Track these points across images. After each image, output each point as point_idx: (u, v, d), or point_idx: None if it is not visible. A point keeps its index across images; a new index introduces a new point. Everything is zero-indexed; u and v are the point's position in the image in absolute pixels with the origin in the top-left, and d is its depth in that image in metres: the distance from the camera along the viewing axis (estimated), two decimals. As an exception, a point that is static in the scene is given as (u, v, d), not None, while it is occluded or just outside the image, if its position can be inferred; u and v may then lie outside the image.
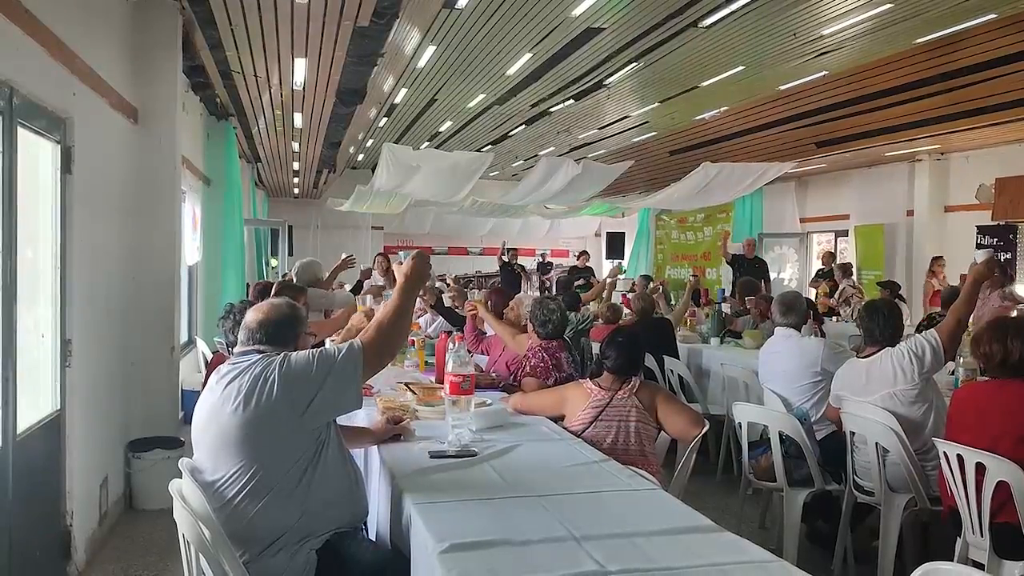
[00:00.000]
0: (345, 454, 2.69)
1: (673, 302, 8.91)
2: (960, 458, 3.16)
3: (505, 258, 13.84)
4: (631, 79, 10.27)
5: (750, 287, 8.35)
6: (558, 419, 3.60)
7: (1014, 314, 6.28)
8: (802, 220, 15.55)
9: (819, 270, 11.95)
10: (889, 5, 7.36)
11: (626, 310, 7.59)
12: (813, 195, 15.35)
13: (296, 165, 15.86)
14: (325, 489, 2.54)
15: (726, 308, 8.32)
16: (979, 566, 3.15)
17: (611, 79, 10.18)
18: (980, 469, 3.11)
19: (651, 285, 9.25)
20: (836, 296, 10.34)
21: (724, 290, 10.58)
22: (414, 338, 5.08)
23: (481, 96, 11.18)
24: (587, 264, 14.46)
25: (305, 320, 2.87)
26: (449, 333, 4.43)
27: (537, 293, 14.18)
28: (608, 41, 8.64)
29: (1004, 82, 8.36)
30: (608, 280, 9.58)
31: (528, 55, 9.08)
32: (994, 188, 11.26)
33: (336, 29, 6.72)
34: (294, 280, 5.96)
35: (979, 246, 10.85)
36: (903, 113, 9.81)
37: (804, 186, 15.43)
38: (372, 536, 2.92)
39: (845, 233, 14.11)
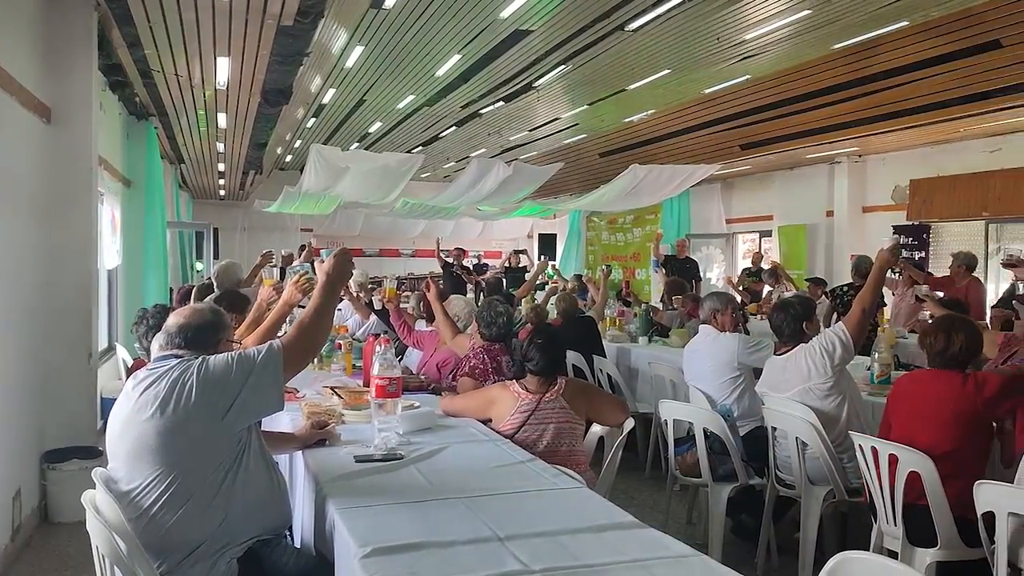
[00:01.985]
0: (267, 459, 2.64)
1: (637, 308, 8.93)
2: (874, 450, 3.27)
3: (449, 259, 13.57)
4: (560, 81, 10.33)
5: (678, 287, 8.49)
6: (486, 421, 3.60)
7: (927, 312, 6.52)
8: (728, 221, 15.88)
9: (746, 269, 12.20)
10: (808, 11, 7.56)
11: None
12: (738, 196, 15.69)
13: (221, 166, 15.52)
14: (246, 495, 2.50)
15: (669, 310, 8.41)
16: (893, 554, 3.26)
17: (540, 81, 10.23)
18: (893, 460, 3.22)
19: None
20: (763, 300, 10.57)
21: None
22: (341, 341, 5.02)
23: (411, 97, 11.11)
24: (521, 264, 14.47)
25: (229, 326, 2.81)
26: (377, 336, 4.38)
27: (471, 295, 14.14)
28: (537, 43, 8.68)
29: (916, 87, 8.67)
30: (550, 284, 9.59)
31: (457, 56, 9.06)
32: (908, 189, 11.68)
33: (259, 28, 6.60)
34: (214, 284, 5.83)
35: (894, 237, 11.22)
36: (823, 116, 10.09)
37: (730, 187, 15.76)
38: (297, 543, 2.88)
39: (769, 233, 14.46)
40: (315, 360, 5.13)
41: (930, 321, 3.75)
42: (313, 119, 12.52)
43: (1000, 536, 2.78)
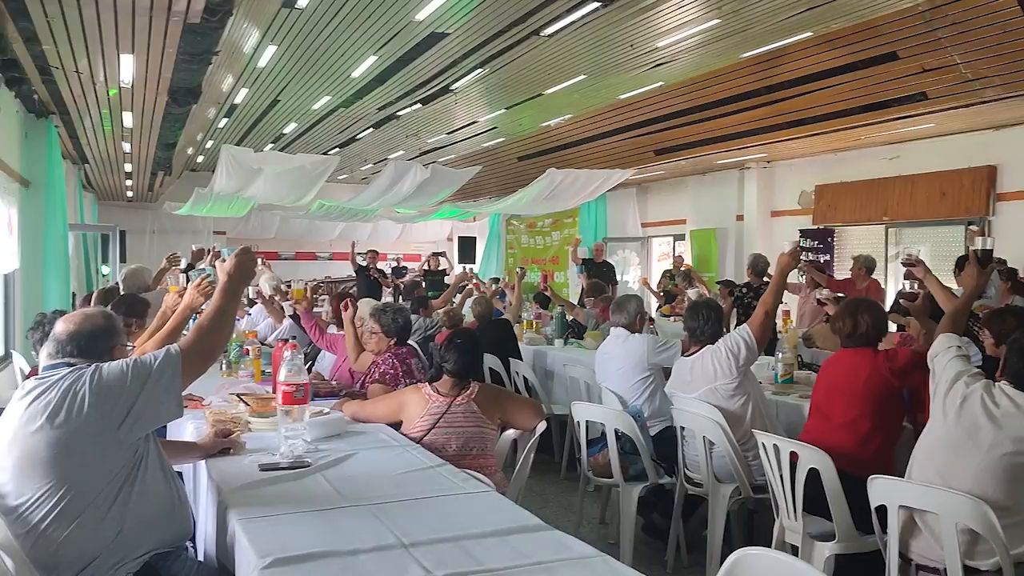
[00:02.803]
0: (166, 469, 2.56)
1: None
2: (776, 447, 3.37)
3: (363, 262, 13.32)
4: (477, 85, 10.35)
5: (598, 289, 8.58)
6: (397, 425, 3.57)
7: (832, 312, 6.75)
8: (643, 224, 16.15)
9: (667, 271, 12.39)
10: (717, 21, 7.76)
11: None
12: (653, 201, 15.98)
13: (128, 167, 15.01)
14: (143, 507, 2.42)
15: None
16: (795, 548, 3.37)
17: (458, 84, 10.22)
18: (794, 457, 3.33)
19: None
20: (676, 302, 10.77)
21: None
22: (249, 347, 4.91)
23: (326, 98, 10.96)
24: (440, 267, 14.41)
25: (122, 332, 2.72)
26: (286, 341, 4.30)
27: (390, 298, 14.02)
28: (453, 46, 8.67)
29: (820, 96, 8.98)
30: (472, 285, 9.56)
31: (373, 57, 8.98)
32: (814, 195, 12.11)
33: (164, 25, 6.40)
34: (120, 289, 5.63)
35: (802, 243, 11.60)
36: (733, 123, 10.36)
37: (645, 192, 16.04)
38: (200, 555, 2.80)
39: (683, 237, 14.77)
40: (223, 366, 5.01)
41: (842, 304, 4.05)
42: (225, 119, 12.23)
43: (891, 528, 2.90)
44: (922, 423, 3.18)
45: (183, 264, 7.68)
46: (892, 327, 6.05)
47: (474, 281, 9.34)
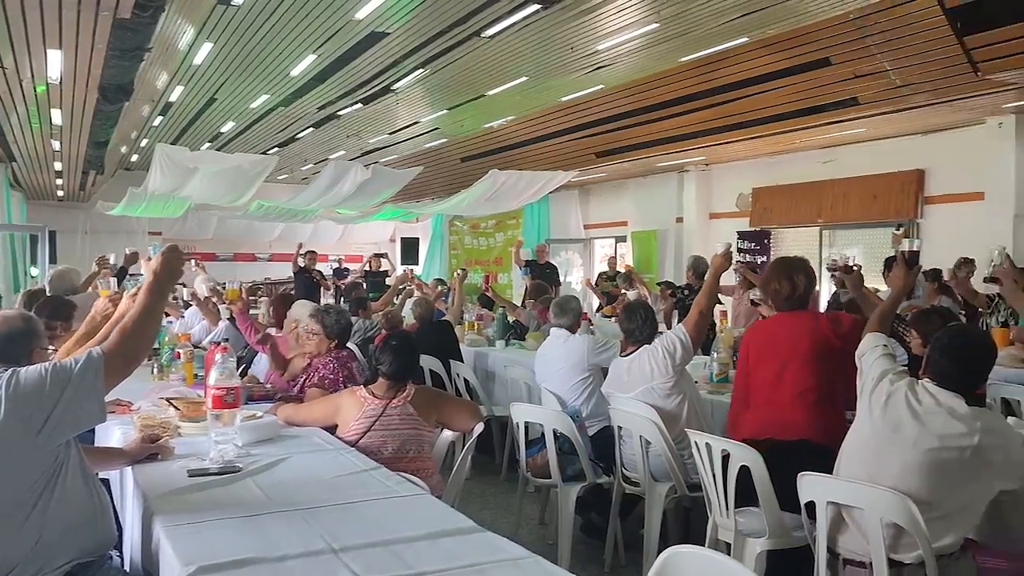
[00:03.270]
0: (88, 476, 2.48)
1: None
2: (708, 446, 3.41)
3: (301, 263, 13.09)
4: (419, 85, 10.30)
5: (540, 290, 8.60)
6: (333, 429, 3.53)
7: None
8: (586, 226, 16.28)
9: (602, 273, 12.50)
10: (656, 25, 7.85)
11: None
12: (595, 203, 16.11)
13: (58, 165, 14.58)
14: (64, 515, 2.34)
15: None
16: (729, 545, 3.42)
17: (399, 84, 10.16)
18: (726, 455, 3.38)
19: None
20: (617, 302, 10.85)
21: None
22: (181, 350, 4.80)
23: (265, 97, 10.80)
24: (382, 268, 14.31)
25: (42, 335, 2.63)
26: (218, 344, 4.21)
27: (330, 300, 13.85)
28: (394, 46, 8.61)
29: (756, 100, 9.16)
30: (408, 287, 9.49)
31: (312, 56, 8.88)
32: (751, 197, 12.33)
33: (93, 20, 6.24)
34: (47, 291, 5.46)
35: (739, 247, 11.81)
36: (672, 126, 10.50)
37: (587, 194, 16.16)
38: (127, 565, 2.73)
39: (624, 238, 14.91)
40: (154, 370, 4.89)
41: (772, 266, 3.97)
42: (160, 117, 11.96)
43: (820, 523, 2.95)
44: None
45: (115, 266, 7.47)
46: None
47: (415, 282, 9.29)
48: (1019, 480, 2.86)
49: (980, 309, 6.55)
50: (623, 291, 10.73)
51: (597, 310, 10.65)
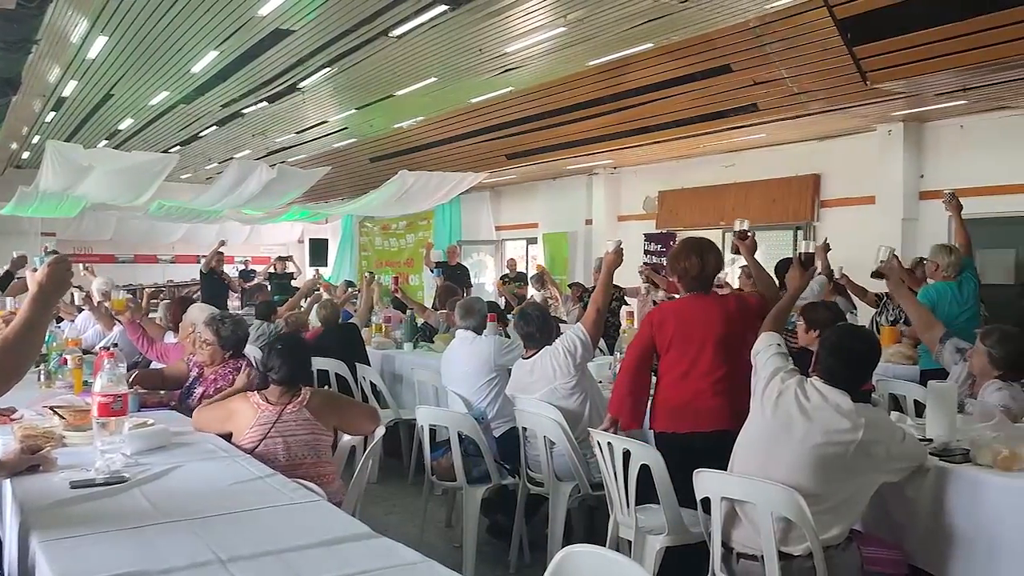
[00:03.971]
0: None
1: None
2: (609, 445, 3.46)
3: (212, 264, 12.58)
4: (327, 84, 10.16)
5: (451, 292, 8.57)
6: (228, 436, 3.42)
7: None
8: (497, 228, 16.34)
9: (503, 276, 12.52)
10: (563, 29, 7.94)
11: None
12: (506, 204, 16.18)
13: (-58, 162, 13.84)
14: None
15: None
16: (629, 543, 3.47)
17: (306, 83, 10.00)
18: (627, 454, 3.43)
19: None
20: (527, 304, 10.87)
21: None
22: (68, 356, 4.59)
23: (165, 93, 10.47)
24: (287, 270, 14.04)
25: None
26: (106, 350, 4.03)
27: (237, 303, 13.50)
28: (299, 44, 8.47)
29: (661, 105, 9.35)
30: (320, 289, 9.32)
31: (214, 53, 8.65)
32: (657, 200, 12.59)
33: (-24, 9, 5.95)
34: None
35: (645, 248, 12.04)
36: (581, 129, 10.63)
37: (498, 196, 16.22)
38: (4, 582, 2.59)
39: (535, 240, 15.02)
40: (41, 377, 4.67)
41: (680, 244, 3.93)
42: (53, 113, 11.47)
43: (715, 519, 3.03)
44: None
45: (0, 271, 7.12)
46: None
47: (322, 283, 9.16)
48: (899, 473, 3.00)
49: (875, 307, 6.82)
50: (534, 292, 10.83)
51: (508, 312, 10.67)
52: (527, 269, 13.44)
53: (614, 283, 4.57)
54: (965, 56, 5.65)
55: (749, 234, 4.06)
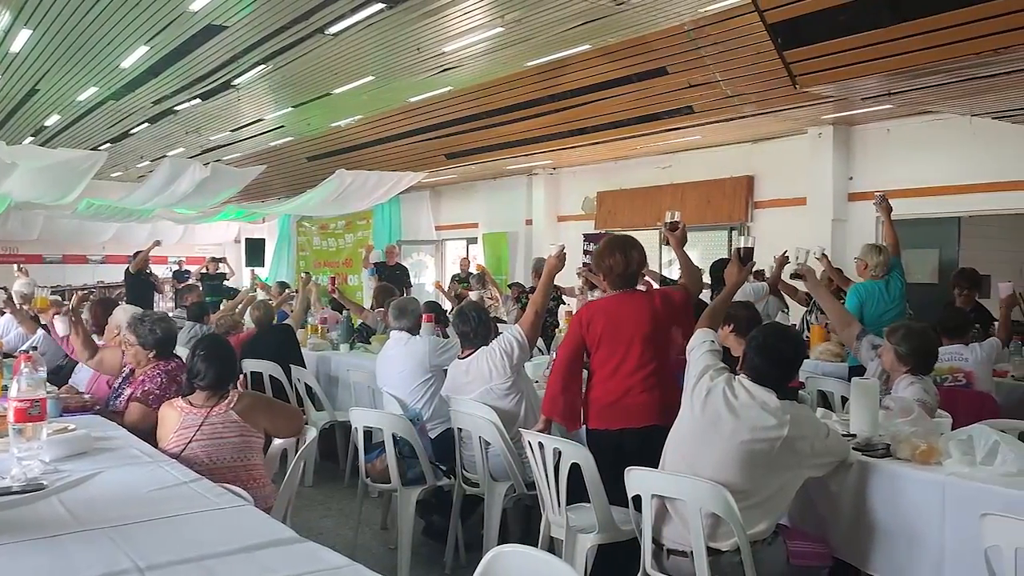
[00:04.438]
0: None
1: None
2: (540, 444, 3.47)
3: (131, 268, 12.23)
4: (262, 81, 9.99)
5: (387, 292, 8.49)
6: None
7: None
8: (437, 228, 16.29)
9: (455, 275, 12.50)
10: (501, 29, 7.94)
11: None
12: (447, 204, 16.14)
13: None
14: None
15: None
16: (560, 541, 3.49)
17: (240, 80, 9.83)
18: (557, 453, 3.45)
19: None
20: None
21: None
22: (-15, 360, 4.43)
23: (93, 89, 10.19)
24: (219, 271, 13.78)
25: None
26: (25, 352, 3.89)
27: (172, 304, 13.20)
28: (233, 40, 8.32)
29: (599, 106, 9.43)
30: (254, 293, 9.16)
31: (145, 48, 8.45)
32: (596, 201, 12.69)
33: None
34: None
35: (584, 248, 12.12)
36: (520, 130, 10.65)
37: (438, 195, 16.17)
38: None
39: (475, 240, 15.01)
40: (-42, 383, 4.48)
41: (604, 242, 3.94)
42: (-26, 109, 11.08)
43: (645, 516, 3.06)
44: None
45: None
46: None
47: (257, 283, 9.01)
48: (824, 468, 3.07)
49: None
50: (475, 292, 10.81)
51: (449, 312, 10.64)
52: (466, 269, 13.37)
53: (553, 283, 4.58)
54: (890, 61, 5.80)
55: (680, 225, 4.10)
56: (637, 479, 3.08)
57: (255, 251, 18.50)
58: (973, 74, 5.90)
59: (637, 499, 3.11)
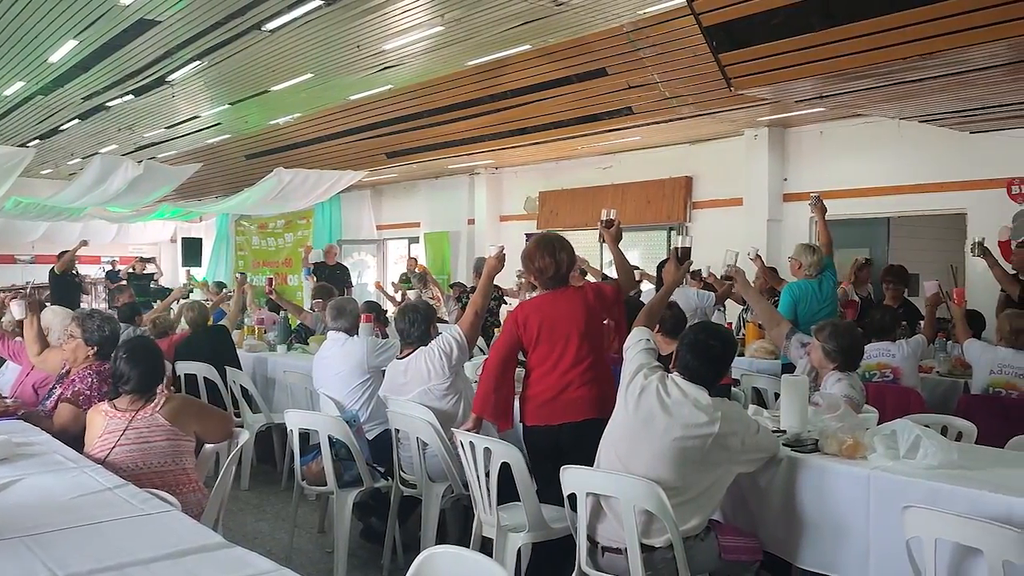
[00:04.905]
0: None
1: None
2: (472, 444, 3.47)
3: (56, 269, 11.82)
4: (197, 78, 9.78)
5: (326, 292, 8.39)
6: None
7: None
8: (379, 227, 16.17)
9: (403, 275, 12.38)
10: (441, 28, 7.91)
11: None
12: (388, 203, 16.03)
13: None
14: None
15: None
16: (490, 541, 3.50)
17: (175, 76, 9.60)
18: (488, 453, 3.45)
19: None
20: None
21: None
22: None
23: (20, 84, 9.86)
24: (147, 271, 13.49)
25: None
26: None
27: (105, 305, 12.87)
28: (166, 35, 8.12)
29: (539, 106, 9.45)
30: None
31: (73, 42, 8.20)
32: (538, 200, 12.73)
33: None
34: None
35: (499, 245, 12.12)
36: (461, 129, 10.62)
37: (379, 194, 16.06)
38: None
39: (417, 240, 14.94)
40: None
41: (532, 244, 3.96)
42: None
43: (580, 514, 3.08)
44: None
45: None
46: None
47: (197, 284, 8.83)
48: (754, 464, 3.13)
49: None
50: (417, 291, 10.75)
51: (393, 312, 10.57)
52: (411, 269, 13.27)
53: (495, 283, 4.58)
54: (822, 65, 5.93)
55: (615, 223, 4.17)
56: (572, 478, 3.10)
57: (192, 251, 18.12)
58: (901, 78, 6.07)
59: (573, 497, 3.12)
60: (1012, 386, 4.73)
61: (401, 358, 4.31)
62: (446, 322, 8.56)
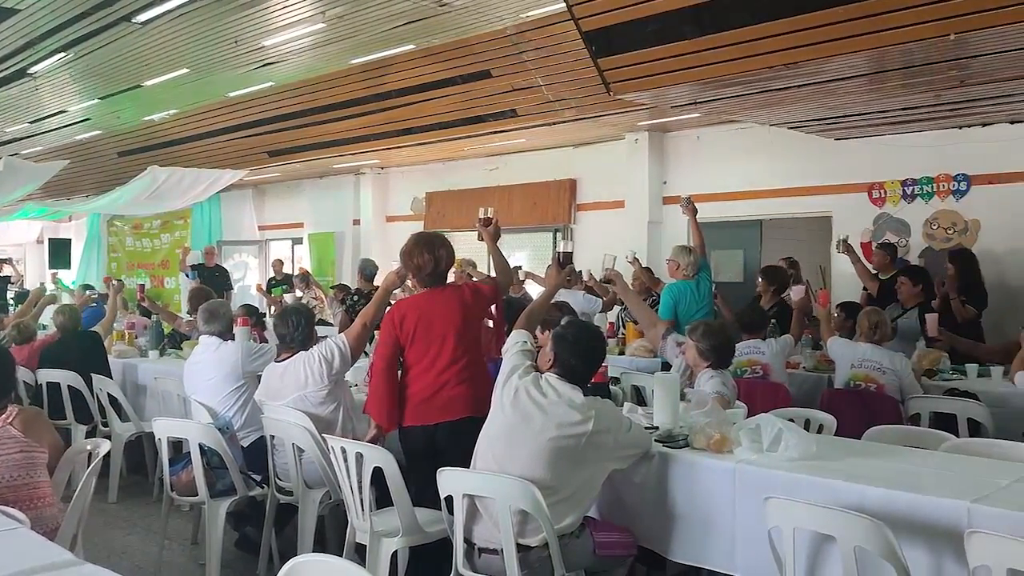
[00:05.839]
0: None
1: None
2: (343, 450, 3.42)
3: None
4: (63, 70, 9.29)
5: (203, 295, 8.09)
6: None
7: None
8: (261, 227, 15.75)
9: (271, 279, 12.07)
10: (323, 25, 7.76)
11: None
12: (271, 203, 15.64)
13: None
14: None
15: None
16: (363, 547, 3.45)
17: (37, 68, 9.08)
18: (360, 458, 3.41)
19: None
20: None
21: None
22: None
23: None
24: (3, 273, 12.76)
25: None
26: None
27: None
28: (27, 24, 7.68)
29: (424, 107, 9.41)
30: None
31: (-77, 29, 7.66)
32: (425, 201, 12.68)
33: None
34: None
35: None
36: (346, 128, 10.45)
37: (262, 194, 15.65)
38: None
39: (301, 240, 14.64)
40: None
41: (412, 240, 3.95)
42: None
43: (457, 516, 3.08)
44: None
45: None
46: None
47: (60, 288, 8.38)
48: (627, 460, 3.20)
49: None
50: (298, 294, 10.50)
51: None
52: (293, 270, 12.98)
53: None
54: (695, 72, 6.12)
55: (492, 221, 4.20)
56: (448, 479, 3.09)
57: (60, 252, 17.16)
58: (768, 86, 6.34)
59: (449, 499, 3.12)
60: (871, 379, 4.97)
61: (280, 361, 4.19)
62: (330, 324, 8.41)
